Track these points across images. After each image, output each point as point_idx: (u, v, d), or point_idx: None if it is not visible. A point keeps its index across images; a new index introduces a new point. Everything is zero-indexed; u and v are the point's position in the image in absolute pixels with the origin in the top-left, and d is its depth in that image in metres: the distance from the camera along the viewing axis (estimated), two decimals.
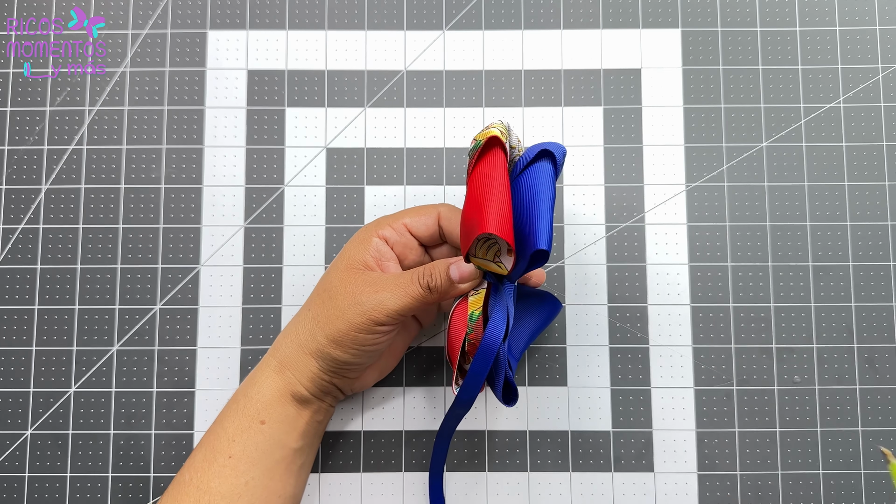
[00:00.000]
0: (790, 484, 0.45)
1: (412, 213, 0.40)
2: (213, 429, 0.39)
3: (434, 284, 0.36)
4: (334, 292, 0.37)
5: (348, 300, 0.37)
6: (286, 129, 0.48)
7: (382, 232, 0.39)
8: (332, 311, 0.37)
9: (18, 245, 0.46)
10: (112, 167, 0.47)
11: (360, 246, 0.38)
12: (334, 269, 0.39)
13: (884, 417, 0.45)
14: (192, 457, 0.39)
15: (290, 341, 0.39)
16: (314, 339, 0.38)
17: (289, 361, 0.38)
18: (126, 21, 0.48)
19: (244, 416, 0.38)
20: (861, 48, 0.48)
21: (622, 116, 0.48)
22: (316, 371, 0.38)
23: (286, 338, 0.39)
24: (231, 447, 0.37)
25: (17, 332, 0.46)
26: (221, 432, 0.38)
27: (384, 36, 0.48)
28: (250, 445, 0.38)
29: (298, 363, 0.38)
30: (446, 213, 0.40)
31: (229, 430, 0.38)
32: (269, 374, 0.39)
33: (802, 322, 0.46)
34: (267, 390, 0.38)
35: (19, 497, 0.44)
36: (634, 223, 0.47)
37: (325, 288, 0.39)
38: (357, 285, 0.37)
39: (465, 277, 0.36)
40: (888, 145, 0.47)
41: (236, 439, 0.38)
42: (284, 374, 0.38)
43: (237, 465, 0.37)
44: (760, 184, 0.47)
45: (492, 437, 0.45)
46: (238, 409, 0.38)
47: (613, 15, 0.48)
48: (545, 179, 0.34)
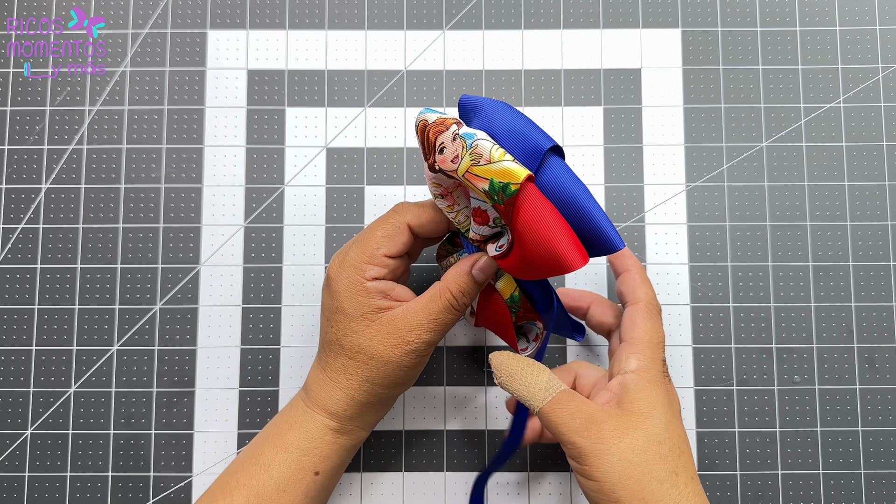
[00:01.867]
0: (790, 484, 0.45)
1: (384, 239, 0.36)
2: (254, 472, 0.37)
3: (467, 301, 0.36)
4: (374, 352, 0.36)
5: (397, 352, 0.36)
6: (286, 128, 0.48)
7: (370, 274, 0.36)
8: (382, 368, 0.36)
9: (18, 245, 0.46)
10: (112, 167, 0.47)
11: (362, 299, 0.36)
12: (352, 332, 0.36)
13: (884, 417, 0.45)
14: (228, 497, 0.37)
15: (346, 405, 0.37)
16: (374, 394, 0.37)
17: (352, 420, 0.38)
18: (126, 21, 0.48)
19: (298, 469, 0.37)
20: (861, 48, 0.48)
21: (622, 116, 0.48)
22: (380, 412, 0.39)
23: (339, 402, 0.37)
24: (280, 497, 0.37)
25: (17, 331, 0.46)
26: (269, 481, 0.37)
27: (384, 36, 0.48)
28: (300, 494, 0.37)
29: (366, 416, 0.38)
30: (413, 219, 0.37)
31: (279, 480, 0.37)
32: (329, 433, 0.38)
33: (802, 322, 0.46)
34: (328, 447, 0.38)
35: (19, 497, 0.44)
36: (634, 223, 0.47)
37: (357, 351, 0.36)
38: (393, 335, 0.36)
39: (487, 273, 0.36)
40: (888, 145, 0.47)
41: (287, 490, 0.37)
42: (348, 431, 0.38)
43: None
44: (760, 184, 0.47)
45: (491, 437, 0.45)
46: (291, 462, 0.37)
47: (613, 15, 0.48)
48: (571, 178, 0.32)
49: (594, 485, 0.33)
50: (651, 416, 0.33)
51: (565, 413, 0.33)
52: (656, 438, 0.33)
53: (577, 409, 0.33)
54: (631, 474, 0.32)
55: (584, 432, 0.33)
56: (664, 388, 0.35)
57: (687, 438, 0.34)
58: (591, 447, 0.32)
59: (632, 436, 0.32)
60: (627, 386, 0.34)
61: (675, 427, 0.34)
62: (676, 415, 0.35)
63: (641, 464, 0.32)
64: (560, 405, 0.34)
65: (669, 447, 0.33)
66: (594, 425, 0.33)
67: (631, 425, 0.33)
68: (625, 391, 0.34)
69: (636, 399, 0.34)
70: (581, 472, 0.33)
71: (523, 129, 0.32)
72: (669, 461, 0.32)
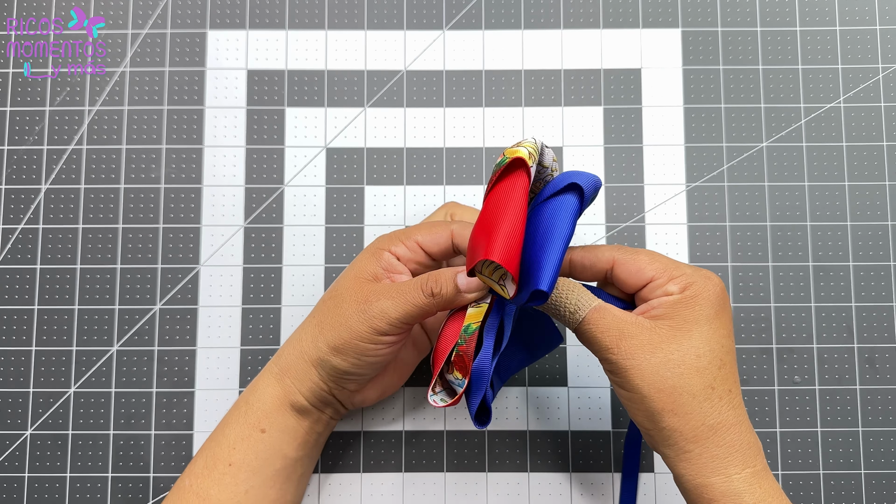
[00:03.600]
0: (790, 484, 0.45)
1: (425, 230, 0.38)
2: (214, 435, 0.39)
3: (439, 292, 0.34)
4: (340, 300, 0.37)
5: (352, 308, 0.36)
6: (286, 128, 0.48)
7: (395, 249, 0.37)
8: (335, 318, 0.36)
9: (18, 245, 0.46)
10: (112, 167, 0.47)
11: (371, 258, 0.38)
12: (343, 277, 0.38)
13: (884, 417, 0.45)
14: (194, 462, 0.38)
15: (292, 349, 0.39)
16: (316, 346, 0.37)
17: (289, 369, 0.38)
18: (126, 21, 0.48)
19: (245, 424, 0.38)
20: (861, 48, 0.48)
21: (622, 116, 0.48)
22: (315, 380, 0.38)
23: (289, 345, 0.39)
24: (231, 455, 0.37)
25: (17, 332, 0.46)
26: (223, 439, 0.38)
27: (384, 36, 0.48)
28: (250, 454, 0.37)
29: (299, 371, 0.38)
30: (459, 231, 0.38)
31: (230, 437, 0.38)
32: (271, 381, 0.38)
33: (802, 322, 0.46)
34: (267, 398, 0.38)
35: (19, 497, 0.44)
36: (634, 223, 0.47)
37: (331, 296, 0.38)
38: (362, 293, 0.36)
39: (472, 288, 0.35)
40: (888, 145, 0.47)
41: (237, 447, 0.37)
42: (284, 382, 0.38)
43: (237, 473, 0.37)
44: (760, 184, 0.47)
45: (492, 437, 0.45)
46: (239, 417, 0.38)
47: (613, 15, 0.48)
48: (565, 216, 0.32)
49: (627, 394, 0.33)
50: (691, 330, 0.33)
51: (597, 331, 0.33)
52: (694, 352, 0.32)
53: (608, 325, 0.33)
54: (662, 387, 0.32)
55: (615, 349, 0.33)
56: (712, 299, 0.33)
57: (732, 349, 0.34)
58: (623, 363, 0.33)
59: (666, 349, 0.32)
60: (669, 303, 0.33)
61: (719, 338, 0.33)
62: (722, 326, 0.33)
63: (675, 377, 0.32)
64: (591, 325, 0.34)
65: (709, 360, 0.32)
66: (625, 340, 0.33)
67: (666, 339, 0.33)
68: (666, 308, 0.33)
69: (676, 315, 0.33)
70: (615, 383, 0.34)
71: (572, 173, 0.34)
72: (707, 374, 0.32)
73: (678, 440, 0.32)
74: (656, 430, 0.33)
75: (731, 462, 0.32)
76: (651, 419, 0.33)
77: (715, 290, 0.33)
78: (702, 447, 0.32)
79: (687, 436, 0.32)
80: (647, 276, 0.34)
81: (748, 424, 0.33)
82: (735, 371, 0.34)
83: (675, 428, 0.32)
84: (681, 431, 0.32)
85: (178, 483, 0.38)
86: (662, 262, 0.34)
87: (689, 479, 0.33)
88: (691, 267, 0.34)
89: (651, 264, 0.34)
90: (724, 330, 0.33)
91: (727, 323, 0.34)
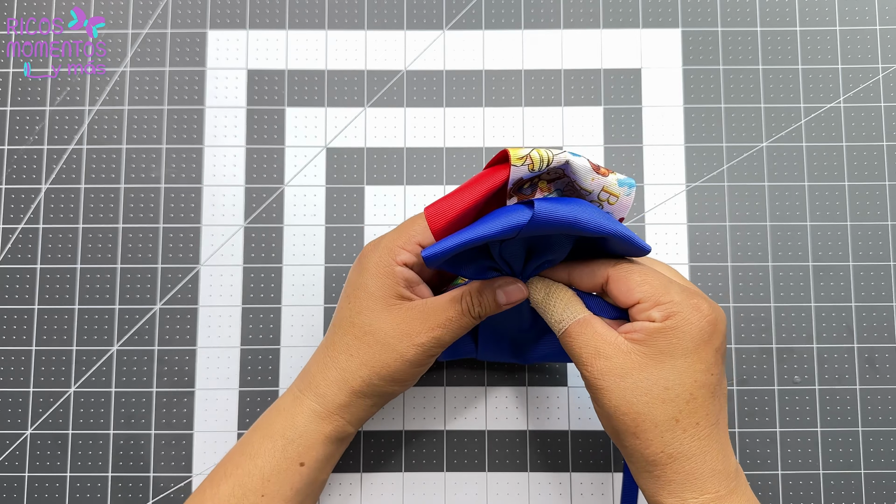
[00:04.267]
0: (790, 484, 0.45)
1: (422, 229, 0.37)
2: (240, 462, 0.37)
3: (483, 313, 0.36)
4: (382, 335, 0.36)
5: (404, 342, 0.36)
6: (286, 128, 0.48)
7: (402, 258, 0.36)
8: (385, 354, 0.36)
9: (18, 245, 0.46)
10: (112, 167, 0.47)
11: (387, 280, 0.36)
12: (368, 309, 0.37)
13: (884, 417, 0.45)
14: (216, 486, 0.37)
15: (337, 389, 0.37)
16: (369, 383, 0.37)
17: (339, 408, 0.37)
18: (126, 21, 0.48)
19: (283, 458, 0.37)
20: (861, 48, 0.48)
21: (622, 116, 0.48)
22: (368, 408, 0.38)
23: (331, 385, 0.37)
24: (265, 486, 0.37)
25: (17, 332, 0.46)
26: (254, 470, 0.37)
27: (384, 36, 0.48)
28: (286, 486, 0.37)
29: (355, 408, 0.38)
30: None
31: (264, 470, 0.37)
32: (314, 419, 0.37)
33: (802, 322, 0.46)
34: (312, 435, 0.37)
35: (19, 497, 0.44)
36: (634, 223, 0.47)
37: (366, 332, 0.36)
38: (406, 323, 0.36)
39: (512, 300, 0.35)
40: (888, 145, 0.47)
41: (272, 480, 0.37)
42: (333, 420, 0.38)
43: (269, 503, 0.37)
44: (760, 184, 0.47)
45: (492, 437, 0.45)
46: (276, 451, 0.37)
47: (613, 15, 0.48)
48: (502, 217, 0.31)
49: (597, 408, 0.35)
50: (664, 361, 0.33)
51: (575, 345, 0.34)
52: (663, 383, 0.32)
53: (587, 342, 0.34)
54: (627, 411, 0.33)
55: (589, 366, 0.33)
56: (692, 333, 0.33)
57: (709, 384, 0.33)
58: (594, 381, 0.33)
59: (636, 376, 0.33)
60: (649, 331, 0.33)
61: (692, 373, 0.33)
62: (700, 360, 0.33)
63: (640, 405, 0.32)
64: (571, 337, 0.34)
65: (677, 393, 0.32)
66: (600, 360, 0.33)
67: (638, 366, 0.33)
68: (645, 335, 0.33)
69: (653, 344, 0.33)
70: (590, 394, 0.35)
71: None
72: (672, 406, 0.32)
73: (638, 459, 0.33)
74: (620, 446, 0.34)
75: (687, 488, 0.32)
76: (615, 436, 0.34)
77: (699, 324, 0.33)
78: (660, 471, 0.33)
79: (647, 458, 0.33)
80: (634, 297, 0.34)
81: (717, 453, 0.33)
82: (708, 404, 0.33)
83: (636, 449, 0.33)
84: (641, 453, 0.33)
85: None
86: (653, 285, 0.33)
87: (647, 495, 0.34)
88: (683, 293, 0.33)
89: (641, 286, 0.34)
90: (701, 364, 0.33)
91: (707, 357, 0.33)
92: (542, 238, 0.34)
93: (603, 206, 0.34)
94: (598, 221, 0.32)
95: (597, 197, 0.34)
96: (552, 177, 0.34)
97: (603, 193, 0.34)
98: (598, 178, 0.33)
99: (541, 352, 0.41)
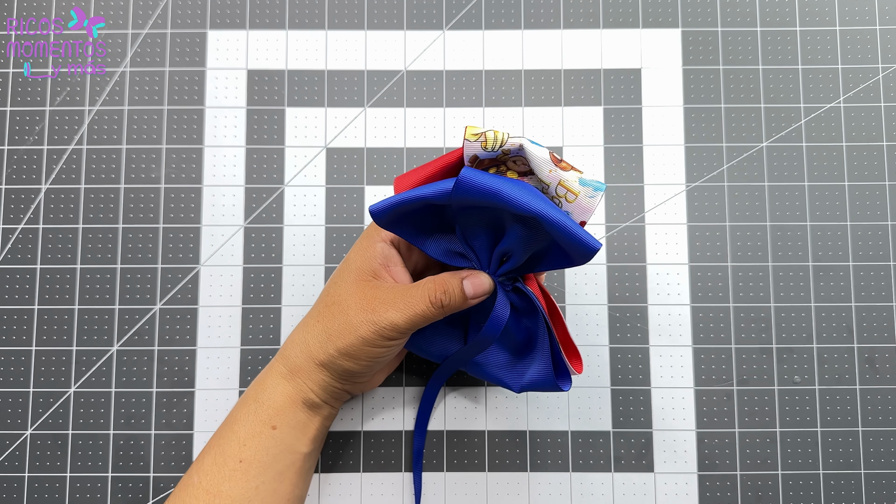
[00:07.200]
0: (790, 484, 0.45)
1: None
2: (222, 432, 0.39)
3: (447, 303, 0.36)
4: (345, 306, 0.37)
5: (360, 316, 0.36)
6: (286, 128, 0.48)
7: (385, 234, 0.38)
8: (343, 325, 0.37)
9: (18, 245, 0.46)
10: (112, 167, 0.47)
11: (366, 254, 0.38)
12: (342, 280, 0.38)
13: (884, 417, 0.45)
14: (201, 459, 0.38)
15: (299, 351, 0.39)
16: (325, 351, 0.38)
17: (299, 370, 0.38)
18: (126, 21, 0.48)
19: (255, 421, 0.38)
20: (861, 48, 0.48)
21: (622, 116, 0.48)
22: (327, 380, 0.39)
23: (295, 346, 0.39)
24: (242, 451, 0.37)
25: (17, 332, 0.46)
26: (232, 436, 0.38)
27: (384, 36, 0.48)
28: (261, 450, 0.38)
29: (309, 372, 0.38)
30: None
31: (240, 434, 0.38)
32: (279, 380, 0.39)
33: (802, 322, 0.46)
34: (278, 396, 0.38)
35: (19, 497, 0.44)
36: (634, 223, 0.47)
37: (334, 300, 0.38)
38: (368, 300, 0.37)
39: (479, 293, 0.36)
40: (888, 145, 0.47)
41: (247, 444, 0.38)
42: (295, 381, 0.38)
43: (248, 469, 0.37)
44: (760, 184, 0.47)
45: (492, 437, 0.45)
46: (249, 414, 0.38)
47: (613, 15, 0.48)
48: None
49: None
50: None
51: None
52: None
53: None
54: None
55: None
56: None
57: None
58: None
59: None
60: None
61: None
62: None
63: None
64: None
65: None
66: None
67: None
68: None
69: None
70: None
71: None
72: None
73: None
74: None
75: None
76: None
77: None
78: None
79: None
80: None
81: None
82: None
83: None
84: None
85: (185, 480, 0.38)
86: None
87: None
88: None
89: None
90: None
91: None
92: (496, 220, 0.34)
93: (560, 203, 0.33)
94: (522, 199, 0.31)
95: (554, 191, 0.33)
96: (521, 170, 0.34)
97: (560, 188, 0.32)
98: (556, 172, 0.32)
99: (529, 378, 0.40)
